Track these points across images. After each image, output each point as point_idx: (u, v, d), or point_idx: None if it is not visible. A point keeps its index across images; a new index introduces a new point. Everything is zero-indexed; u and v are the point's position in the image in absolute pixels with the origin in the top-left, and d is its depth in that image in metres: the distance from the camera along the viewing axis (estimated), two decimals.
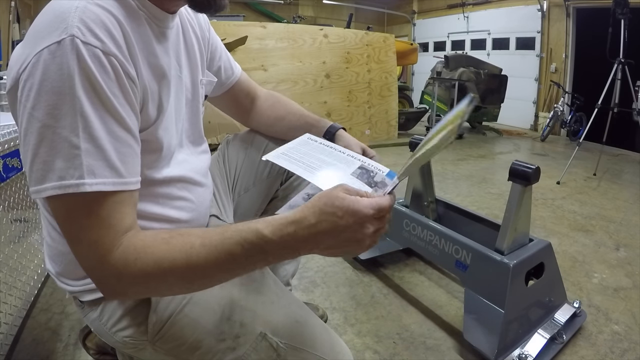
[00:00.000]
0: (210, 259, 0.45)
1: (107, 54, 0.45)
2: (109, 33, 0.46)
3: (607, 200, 2.69)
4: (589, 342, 1.21)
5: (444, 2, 7.71)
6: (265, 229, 0.45)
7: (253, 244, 0.44)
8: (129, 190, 0.47)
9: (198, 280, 0.47)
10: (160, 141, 0.57)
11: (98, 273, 0.45)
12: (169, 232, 0.47)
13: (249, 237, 0.44)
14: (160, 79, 0.56)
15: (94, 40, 0.44)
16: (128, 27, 0.49)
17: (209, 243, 0.45)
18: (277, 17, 7.92)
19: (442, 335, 1.25)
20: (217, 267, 0.46)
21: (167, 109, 0.58)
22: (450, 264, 1.31)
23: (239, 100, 0.89)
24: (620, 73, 3.19)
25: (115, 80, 0.46)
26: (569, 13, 5.51)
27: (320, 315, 1.28)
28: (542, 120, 5.70)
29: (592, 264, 1.75)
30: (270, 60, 3.75)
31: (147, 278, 0.45)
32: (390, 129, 4.46)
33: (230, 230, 0.46)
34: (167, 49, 0.59)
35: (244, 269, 0.47)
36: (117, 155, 0.46)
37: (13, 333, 1.09)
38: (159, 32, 0.57)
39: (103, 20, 0.46)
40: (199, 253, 0.45)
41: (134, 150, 0.49)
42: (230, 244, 0.45)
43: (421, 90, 5.86)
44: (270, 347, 0.58)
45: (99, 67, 0.44)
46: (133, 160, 0.48)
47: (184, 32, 0.67)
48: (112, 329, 0.60)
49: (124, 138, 0.47)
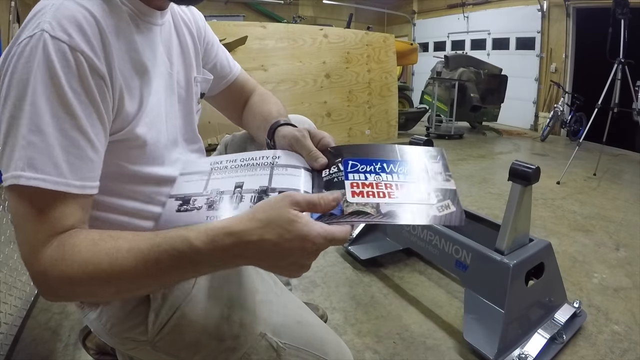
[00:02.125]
0: (136, 265, 0.42)
1: (73, 50, 0.44)
2: (80, 29, 0.46)
3: (607, 200, 2.69)
4: (589, 342, 1.21)
5: (444, 2, 7.71)
6: (197, 239, 0.42)
7: (182, 253, 0.42)
8: (72, 193, 0.45)
9: (124, 286, 0.45)
10: (142, 138, 0.55)
11: (30, 268, 0.44)
12: (101, 234, 0.45)
13: (178, 246, 0.42)
14: (141, 75, 0.55)
15: (62, 35, 0.44)
16: (105, 23, 0.48)
17: (137, 249, 0.42)
18: (277, 17, 7.92)
19: (442, 335, 1.25)
20: (144, 274, 0.43)
21: (147, 105, 0.56)
22: (450, 264, 1.31)
23: (235, 100, 0.87)
24: (620, 73, 3.18)
25: (78, 76, 0.45)
26: (569, 13, 5.51)
27: (320, 315, 1.28)
28: (542, 120, 5.70)
29: (592, 264, 1.75)
30: (270, 60, 3.75)
31: (72, 279, 0.42)
32: (390, 129, 4.45)
33: (160, 236, 0.43)
34: (153, 44, 0.58)
35: (173, 278, 0.45)
36: (63, 155, 0.44)
37: (13, 333, 1.09)
38: (145, 27, 0.57)
39: (75, 15, 0.46)
40: (125, 258, 0.42)
41: (86, 152, 0.46)
42: (158, 252, 0.42)
43: (421, 90, 5.85)
44: (270, 347, 0.58)
45: (63, 61, 0.44)
46: (83, 163, 0.46)
47: (177, 30, 0.67)
48: (112, 330, 0.60)
49: (75, 138, 0.45)
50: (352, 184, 0.53)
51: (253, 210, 0.44)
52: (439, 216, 0.50)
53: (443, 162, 0.59)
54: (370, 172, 0.55)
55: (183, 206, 0.52)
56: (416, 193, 0.53)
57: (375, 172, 0.55)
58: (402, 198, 0.52)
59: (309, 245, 0.42)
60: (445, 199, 0.53)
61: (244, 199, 0.51)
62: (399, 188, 0.53)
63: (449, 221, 0.50)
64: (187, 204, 0.52)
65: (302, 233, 0.41)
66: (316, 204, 0.45)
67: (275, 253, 0.42)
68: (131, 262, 0.42)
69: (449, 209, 0.52)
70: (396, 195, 0.52)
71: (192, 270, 0.44)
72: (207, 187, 0.54)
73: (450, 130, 4.93)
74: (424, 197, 0.52)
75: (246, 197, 0.51)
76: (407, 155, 0.59)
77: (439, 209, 0.51)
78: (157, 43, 0.59)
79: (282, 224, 0.41)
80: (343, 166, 0.56)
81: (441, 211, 0.51)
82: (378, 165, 0.56)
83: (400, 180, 0.54)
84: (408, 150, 0.60)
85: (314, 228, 0.42)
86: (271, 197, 0.46)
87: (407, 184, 0.54)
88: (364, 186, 0.52)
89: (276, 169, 0.55)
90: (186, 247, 0.42)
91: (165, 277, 0.44)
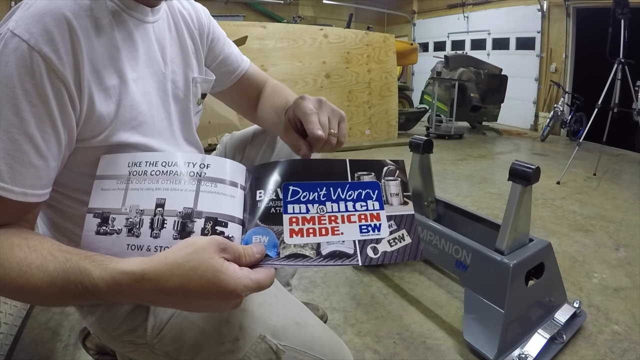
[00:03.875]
0: (41, 285, 0.40)
1: (31, 49, 0.43)
2: (44, 27, 0.44)
3: (607, 200, 2.69)
4: (589, 342, 1.21)
5: (444, 2, 7.71)
6: (101, 281, 0.40)
7: (88, 290, 0.40)
8: (9, 199, 0.43)
9: (31, 299, 0.43)
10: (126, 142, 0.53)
11: None
12: (22, 240, 0.43)
13: (84, 282, 0.40)
14: (122, 74, 0.52)
15: (24, 33, 0.43)
16: (79, 22, 0.47)
17: (46, 269, 0.41)
18: (277, 17, 7.92)
19: (442, 335, 1.24)
20: (49, 295, 0.41)
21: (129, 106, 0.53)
22: (450, 264, 1.31)
23: (246, 94, 0.84)
24: (620, 73, 3.18)
25: (33, 77, 0.43)
26: (569, 13, 5.51)
27: (320, 315, 1.28)
28: (542, 120, 5.70)
29: (592, 264, 1.75)
30: (270, 60, 3.75)
31: None
32: (390, 129, 4.46)
33: (70, 263, 0.41)
34: (142, 42, 0.56)
35: (78, 304, 0.44)
36: (4, 157, 0.42)
37: (13, 333, 1.09)
38: (133, 24, 0.55)
39: (43, 13, 0.44)
40: (33, 275, 0.40)
41: (29, 158, 0.44)
42: (65, 280, 0.40)
43: (421, 90, 5.85)
44: (270, 349, 0.58)
45: (20, 60, 0.42)
46: (26, 170, 0.44)
47: (176, 27, 0.65)
48: (111, 332, 0.59)
49: (19, 142, 0.43)
50: (292, 218, 0.48)
51: (174, 251, 0.41)
52: (390, 252, 0.46)
53: (402, 178, 0.53)
54: (313, 202, 0.49)
55: (102, 226, 0.46)
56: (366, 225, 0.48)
57: (319, 200, 0.49)
58: (347, 234, 0.47)
59: (233, 298, 0.41)
60: (401, 229, 0.48)
61: (166, 225, 0.46)
62: (344, 221, 0.48)
63: (402, 257, 0.46)
64: (105, 224, 0.46)
65: (229, 287, 0.39)
66: (241, 256, 0.43)
67: (196, 304, 0.41)
68: (37, 280, 0.41)
69: (403, 241, 0.47)
70: (341, 230, 0.47)
71: (96, 303, 0.42)
72: (125, 201, 0.47)
73: (450, 130, 4.93)
74: (374, 230, 0.48)
75: (169, 221, 0.46)
76: (358, 174, 0.53)
77: (390, 242, 0.47)
78: (147, 41, 0.57)
79: (205, 275, 0.39)
80: (283, 193, 0.50)
81: (393, 245, 0.47)
82: (323, 192, 0.50)
83: (347, 211, 0.49)
84: (361, 167, 0.53)
85: (240, 281, 0.40)
86: (196, 239, 0.42)
87: (356, 214, 0.49)
88: (305, 221, 0.48)
89: (204, 184, 0.48)
90: (91, 284, 0.40)
91: (72, 303, 0.43)
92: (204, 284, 0.39)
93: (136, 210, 0.46)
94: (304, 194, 0.50)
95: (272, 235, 0.47)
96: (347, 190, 0.51)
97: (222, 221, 0.47)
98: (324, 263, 0.45)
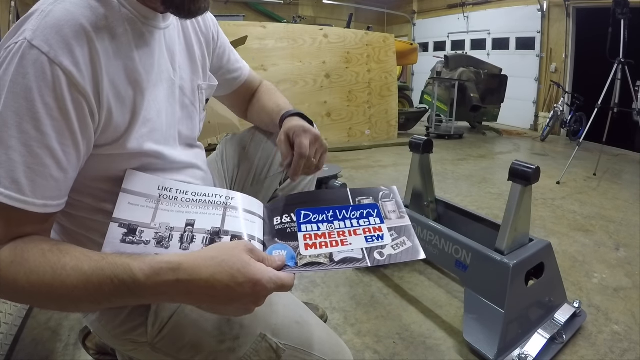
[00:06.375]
0: (77, 285, 0.41)
1: (52, 62, 0.42)
2: (64, 39, 0.43)
3: (607, 200, 2.69)
4: (589, 342, 1.21)
5: (444, 2, 7.71)
6: (140, 272, 0.41)
7: (124, 283, 0.41)
8: (31, 211, 0.43)
9: (64, 302, 0.44)
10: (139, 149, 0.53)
11: None
12: (52, 245, 0.44)
13: (121, 275, 0.41)
14: (136, 84, 0.52)
15: (43, 45, 0.42)
16: (97, 33, 0.46)
17: (81, 269, 0.41)
18: (277, 17, 7.91)
19: (442, 335, 1.25)
20: (85, 295, 0.42)
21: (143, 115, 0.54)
22: (450, 264, 1.31)
23: (243, 97, 0.89)
24: (620, 73, 3.18)
25: (54, 91, 0.43)
26: (569, 13, 5.51)
27: (320, 315, 1.28)
28: (542, 120, 5.70)
29: (592, 264, 1.75)
30: (270, 60, 3.75)
31: (16, 284, 0.41)
32: (390, 129, 4.46)
33: (106, 260, 0.42)
34: (154, 50, 0.56)
35: (112, 303, 0.44)
36: (25, 171, 0.42)
37: (13, 333, 1.09)
38: (147, 31, 0.54)
39: (61, 24, 0.43)
40: (68, 276, 0.41)
41: (50, 172, 0.44)
42: (101, 277, 0.41)
43: (421, 90, 5.86)
44: (270, 348, 0.58)
45: (39, 74, 0.42)
46: (47, 183, 0.44)
47: (185, 34, 0.65)
48: (112, 331, 0.60)
49: (40, 155, 0.43)
50: (305, 235, 0.54)
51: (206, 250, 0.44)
52: (395, 254, 0.53)
53: (396, 199, 0.62)
54: (323, 222, 0.57)
55: (129, 236, 0.48)
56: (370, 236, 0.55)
57: (327, 220, 0.57)
58: (355, 244, 0.54)
59: (261, 289, 0.43)
60: (401, 236, 0.56)
61: (196, 240, 0.50)
62: (351, 234, 0.55)
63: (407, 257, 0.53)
64: (132, 235, 0.48)
65: (256, 277, 0.42)
66: (265, 260, 0.46)
67: (224, 296, 0.42)
68: (72, 280, 0.41)
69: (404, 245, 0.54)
70: (349, 241, 0.54)
71: (133, 300, 0.43)
72: (155, 219, 0.50)
73: (450, 130, 4.93)
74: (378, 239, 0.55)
75: (198, 237, 0.50)
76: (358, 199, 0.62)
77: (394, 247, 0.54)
78: (159, 48, 0.57)
79: (235, 266, 0.42)
80: (296, 216, 0.57)
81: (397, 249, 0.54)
82: (330, 214, 0.58)
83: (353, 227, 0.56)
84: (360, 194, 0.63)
85: (267, 273, 0.43)
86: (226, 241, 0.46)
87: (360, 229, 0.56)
88: (317, 237, 0.54)
89: (229, 211, 0.54)
90: (129, 277, 0.41)
91: (106, 302, 0.43)
92: (234, 273, 0.42)
93: (166, 227, 0.50)
94: (314, 216, 0.58)
95: (289, 250, 0.53)
96: (351, 211, 0.59)
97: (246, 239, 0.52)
98: (337, 267, 0.51)
